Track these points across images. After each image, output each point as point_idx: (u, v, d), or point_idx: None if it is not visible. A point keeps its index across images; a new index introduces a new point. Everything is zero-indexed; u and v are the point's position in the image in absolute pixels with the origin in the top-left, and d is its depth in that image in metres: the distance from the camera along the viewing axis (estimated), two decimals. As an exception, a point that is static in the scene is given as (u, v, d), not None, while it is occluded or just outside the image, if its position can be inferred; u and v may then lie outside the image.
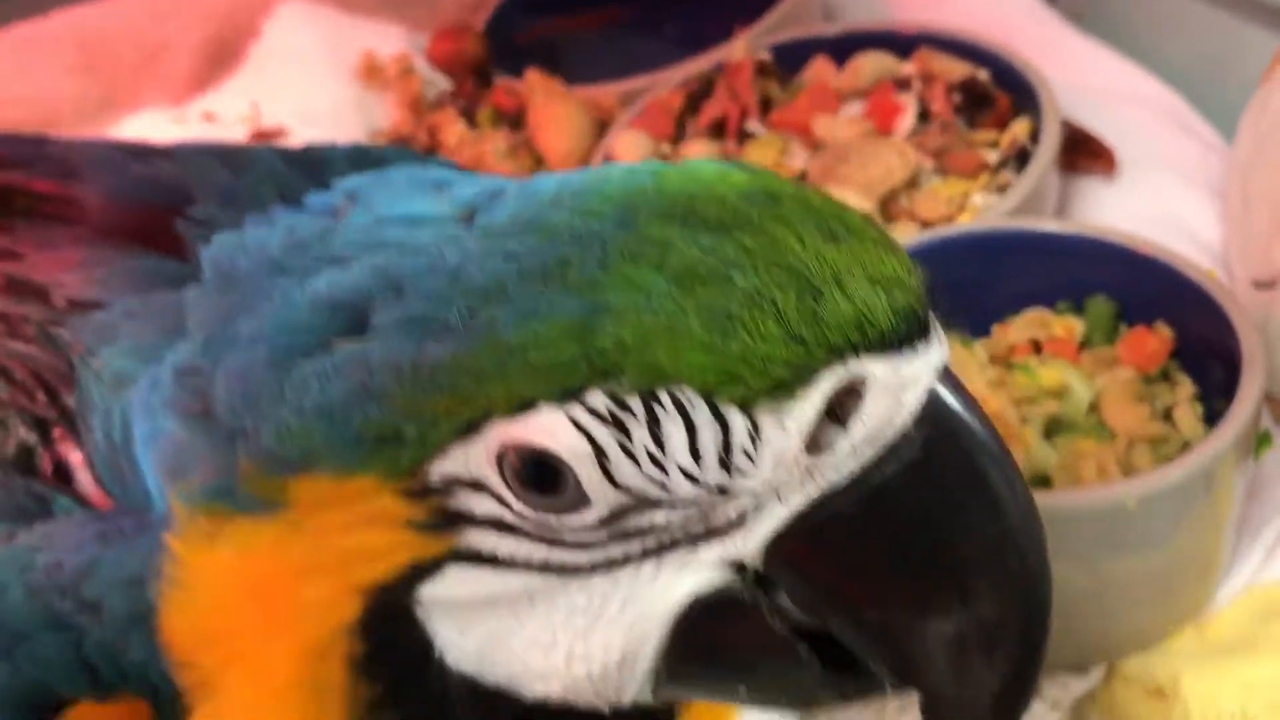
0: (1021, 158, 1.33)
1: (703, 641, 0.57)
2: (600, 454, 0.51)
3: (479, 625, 0.57)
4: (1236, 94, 1.40)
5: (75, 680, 0.65)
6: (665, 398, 0.50)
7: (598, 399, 0.50)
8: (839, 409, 0.52)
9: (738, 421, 0.51)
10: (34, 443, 0.82)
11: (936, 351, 0.54)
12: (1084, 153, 1.42)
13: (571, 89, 1.57)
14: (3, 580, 0.68)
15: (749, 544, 0.54)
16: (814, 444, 0.53)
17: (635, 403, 0.50)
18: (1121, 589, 0.98)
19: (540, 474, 0.52)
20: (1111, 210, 1.37)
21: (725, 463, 0.52)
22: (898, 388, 0.52)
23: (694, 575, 0.55)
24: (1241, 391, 0.97)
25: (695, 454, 0.51)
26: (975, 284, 1.17)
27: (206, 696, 0.63)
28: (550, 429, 0.51)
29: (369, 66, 1.63)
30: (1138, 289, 1.12)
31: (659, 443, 0.51)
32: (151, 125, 1.50)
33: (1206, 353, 1.06)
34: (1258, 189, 1.23)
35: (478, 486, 0.53)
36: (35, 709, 0.62)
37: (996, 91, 1.39)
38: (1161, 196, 1.37)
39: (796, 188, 0.56)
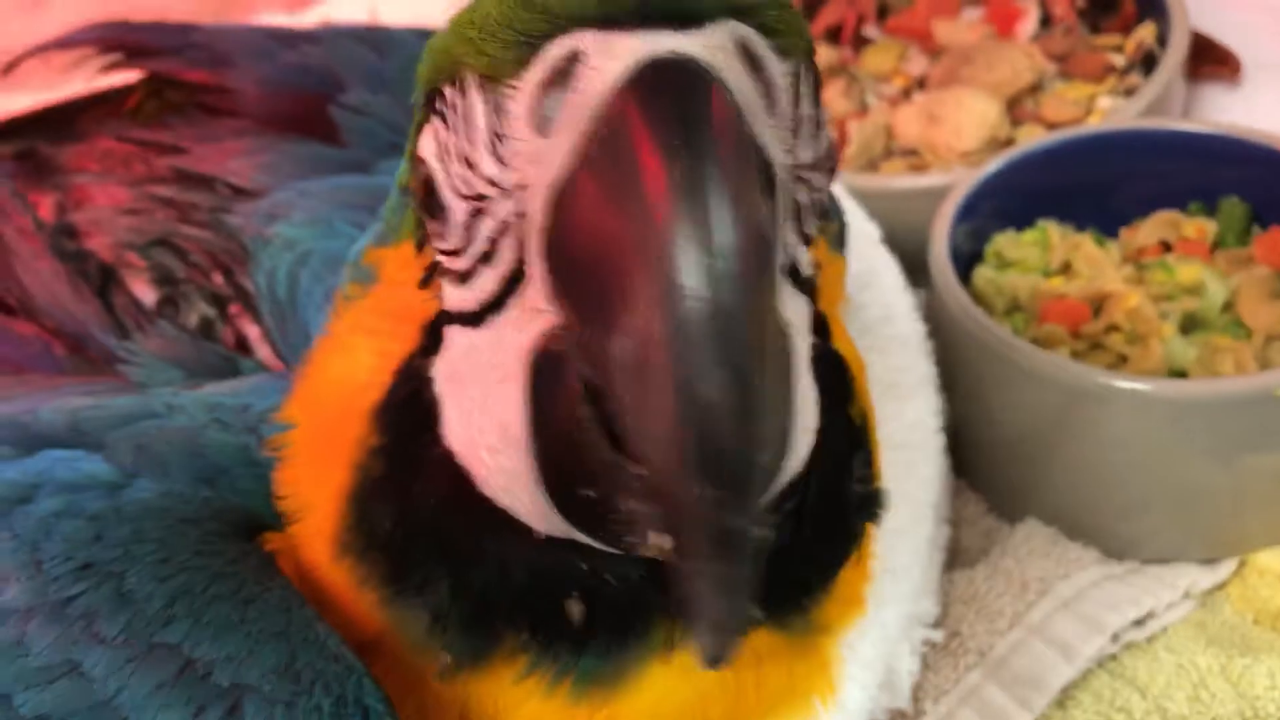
0: (1147, 63, 1.31)
1: (543, 415, 0.55)
2: (445, 153, 0.58)
3: (457, 394, 0.60)
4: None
5: (274, 510, 0.67)
6: (460, 86, 0.56)
7: (440, 101, 0.58)
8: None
9: (490, 100, 0.55)
10: (213, 316, 0.85)
11: (674, 40, 0.51)
12: (1207, 59, 1.40)
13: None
14: (197, 419, 0.72)
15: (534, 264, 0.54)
16: (542, 123, 0.53)
17: (455, 96, 0.57)
18: (1258, 484, 0.98)
19: (430, 200, 0.59)
20: (1235, 117, 1.35)
21: (495, 151, 0.55)
22: (606, 58, 0.51)
23: (531, 324, 0.55)
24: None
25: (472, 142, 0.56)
26: (1103, 186, 1.17)
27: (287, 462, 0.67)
28: (426, 139, 0.59)
29: (481, -27, 1.63)
30: (1272, 189, 1.11)
31: (460, 135, 0.57)
32: (270, 32, 1.51)
33: (1345, 252, 1.06)
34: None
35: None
36: (244, 528, 0.65)
37: (1121, -5, 1.37)
38: (1286, 103, 1.35)
39: None
